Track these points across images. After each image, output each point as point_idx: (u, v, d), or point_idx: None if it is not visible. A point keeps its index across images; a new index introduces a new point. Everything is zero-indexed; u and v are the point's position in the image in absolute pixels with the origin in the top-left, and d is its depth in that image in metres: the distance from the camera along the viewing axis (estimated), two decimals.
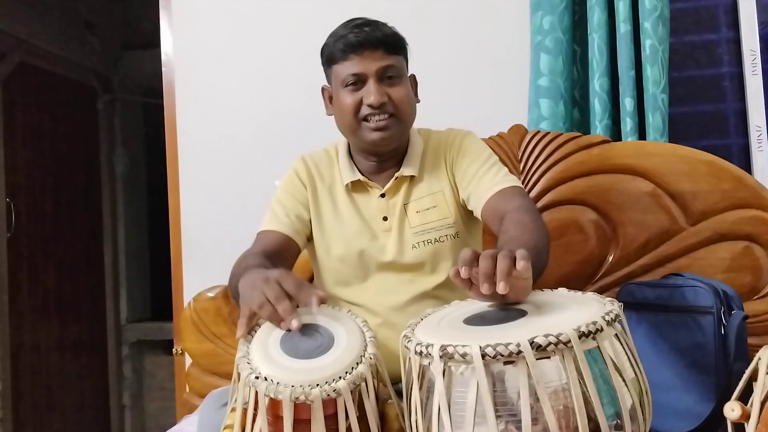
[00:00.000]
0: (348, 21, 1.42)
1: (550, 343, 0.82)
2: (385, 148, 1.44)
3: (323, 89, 1.51)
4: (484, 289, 0.91)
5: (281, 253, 1.43)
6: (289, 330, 1.03)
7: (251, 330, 1.07)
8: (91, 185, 4.25)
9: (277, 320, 1.04)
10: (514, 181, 1.41)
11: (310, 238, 1.52)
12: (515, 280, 0.93)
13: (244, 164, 2.28)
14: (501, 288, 0.89)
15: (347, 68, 1.39)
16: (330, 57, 1.43)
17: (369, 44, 1.37)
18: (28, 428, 3.54)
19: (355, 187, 1.50)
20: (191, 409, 2.00)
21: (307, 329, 1.04)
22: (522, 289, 0.98)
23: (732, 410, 0.79)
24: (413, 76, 1.50)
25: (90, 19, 4.24)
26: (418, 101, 1.51)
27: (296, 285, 1.06)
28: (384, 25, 1.42)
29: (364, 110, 1.39)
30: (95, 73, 4.28)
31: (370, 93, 1.38)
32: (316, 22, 2.20)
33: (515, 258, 0.93)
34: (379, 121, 1.39)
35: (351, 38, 1.37)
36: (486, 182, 1.40)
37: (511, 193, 1.37)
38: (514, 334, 0.85)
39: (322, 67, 1.49)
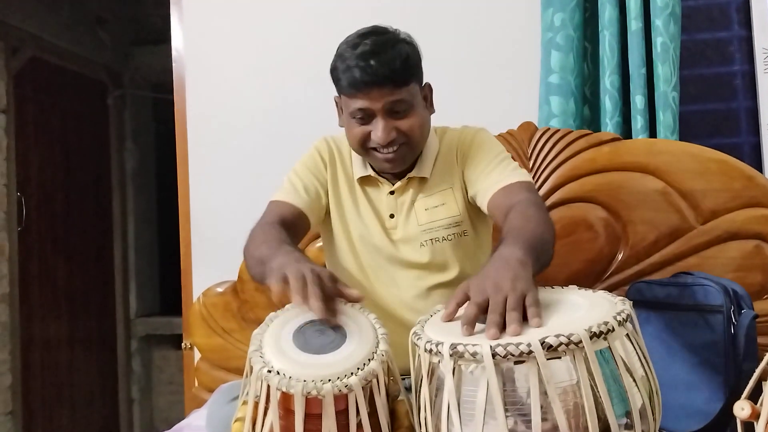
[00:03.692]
0: (356, 40, 1.34)
1: (561, 344, 0.82)
2: (396, 170, 1.44)
3: (336, 100, 1.46)
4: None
5: (295, 227, 1.41)
6: (305, 324, 1.04)
7: (264, 323, 1.08)
8: (101, 180, 4.27)
9: (304, 298, 1.03)
10: (522, 175, 1.38)
11: (323, 219, 1.51)
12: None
13: (254, 160, 2.29)
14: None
15: (353, 104, 1.34)
16: (337, 84, 1.38)
17: (375, 83, 1.30)
18: (38, 421, 3.56)
19: (365, 181, 1.49)
20: (200, 404, 2.01)
21: (319, 325, 1.05)
22: None
23: (742, 409, 0.79)
24: (428, 85, 1.45)
25: (101, 14, 4.26)
26: (433, 111, 1.46)
27: (335, 286, 1.08)
28: (394, 48, 1.32)
29: (372, 143, 1.37)
30: (106, 68, 4.30)
31: (378, 130, 1.34)
32: (327, 18, 2.21)
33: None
34: (389, 153, 1.37)
35: (357, 75, 1.30)
36: (494, 177, 1.38)
37: (518, 188, 1.34)
38: (525, 333, 0.85)
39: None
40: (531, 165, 1.93)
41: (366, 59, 1.30)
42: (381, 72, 1.29)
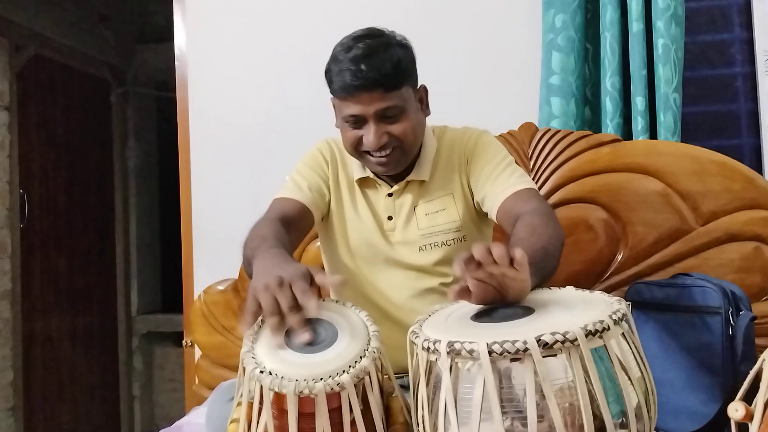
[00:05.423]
0: (349, 43, 1.34)
1: (557, 341, 0.82)
2: (391, 173, 1.44)
3: (332, 101, 1.44)
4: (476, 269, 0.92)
5: (297, 222, 1.42)
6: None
7: (256, 324, 1.08)
8: (103, 177, 4.28)
9: (281, 331, 1.01)
10: (529, 182, 1.39)
11: (324, 218, 1.52)
12: (512, 281, 0.94)
13: (256, 158, 2.29)
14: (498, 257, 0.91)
15: (345, 108, 1.35)
16: (330, 87, 1.38)
17: (365, 87, 1.30)
18: (39, 418, 3.57)
19: (365, 183, 1.50)
20: (200, 401, 2.02)
21: (310, 324, 1.04)
22: (520, 290, 0.97)
23: (736, 410, 0.79)
24: (423, 87, 1.44)
25: (104, 12, 4.27)
26: (428, 114, 1.46)
27: (303, 293, 1.01)
28: (386, 51, 1.32)
29: (364, 147, 1.37)
30: (109, 66, 4.30)
31: (369, 135, 1.34)
32: (328, 17, 2.22)
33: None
34: (381, 156, 1.37)
35: (347, 80, 1.30)
36: (501, 183, 1.38)
37: (527, 196, 1.35)
38: (521, 331, 0.85)
39: None
40: (531, 166, 1.93)
41: (357, 63, 1.30)
42: (371, 76, 1.29)
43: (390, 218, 1.46)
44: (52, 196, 3.79)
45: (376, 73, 1.29)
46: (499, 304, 1.00)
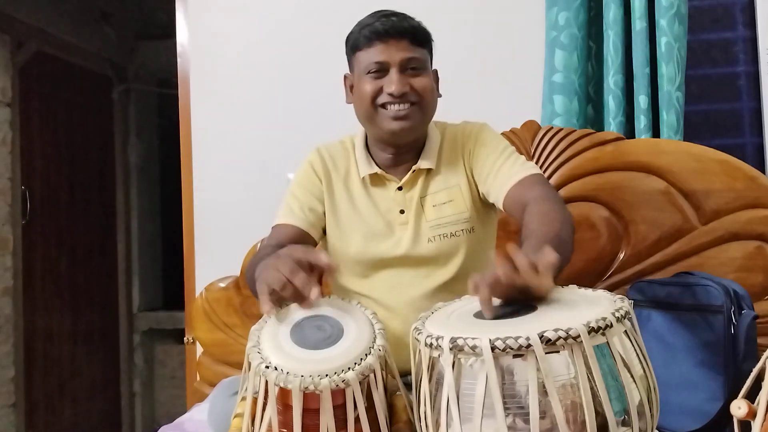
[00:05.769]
0: (376, 12, 1.42)
1: (559, 338, 0.82)
2: (403, 138, 1.43)
3: (345, 77, 1.50)
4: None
5: None
6: (302, 320, 1.05)
7: (262, 319, 1.08)
8: (105, 174, 4.28)
9: (300, 298, 1.06)
10: (532, 168, 1.40)
11: (325, 231, 1.52)
12: (536, 288, 0.94)
13: (258, 155, 2.29)
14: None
15: (371, 56, 1.38)
16: (355, 44, 1.42)
17: (395, 33, 1.37)
18: (40, 414, 3.58)
19: (372, 180, 1.49)
20: (201, 398, 2.02)
21: (316, 320, 1.05)
22: (543, 292, 0.97)
23: (738, 408, 0.79)
24: (435, 71, 1.49)
25: (106, 9, 4.27)
26: (440, 96, 1.49)
27: (305, 250, 1.10)
28: (411, 18, 1.42)
29: (384, 97, 1.38)
30: (111, 62, 4.31)
31: (392, 82, 1.37)
32: (332, 13, 2.22)
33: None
34: (399, 110, 1.38)
35: (377, 26, 1.37)
36: (504, 173, 1.39)
37: (532, 182, 1.36)
38: (524, 328, 0.85)
39: (338, 58, 1.50)
40: (534, 163, 1.93)
41: (387, 17, 1.39)
42: (400, 25, 1.38)
43: (402, 212, 1.46)
44: (54, 192, 3.79)
45: (406, 23, 1.39)
46: (501, 302, 1.00)
